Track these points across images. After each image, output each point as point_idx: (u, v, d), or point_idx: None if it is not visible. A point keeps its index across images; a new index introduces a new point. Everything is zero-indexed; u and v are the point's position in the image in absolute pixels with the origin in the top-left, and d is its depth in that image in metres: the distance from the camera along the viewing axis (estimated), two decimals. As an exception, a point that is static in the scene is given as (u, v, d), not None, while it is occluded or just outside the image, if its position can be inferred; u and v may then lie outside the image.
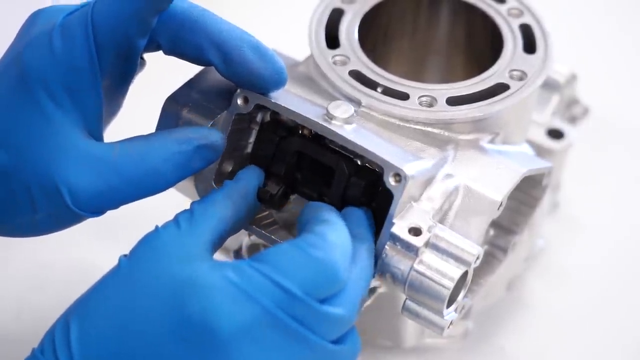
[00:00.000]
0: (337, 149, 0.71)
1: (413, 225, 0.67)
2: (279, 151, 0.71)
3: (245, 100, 0.71)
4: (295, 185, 0.72)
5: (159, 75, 0.66)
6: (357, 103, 0.74)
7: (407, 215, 0.68)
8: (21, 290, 0.88)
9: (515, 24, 0.81)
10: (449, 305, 0.68)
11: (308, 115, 0.69)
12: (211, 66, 0.69)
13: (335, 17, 0.81)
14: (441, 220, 0.70)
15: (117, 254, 0.62)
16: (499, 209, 0.71)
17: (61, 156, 0.64)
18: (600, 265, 0.95)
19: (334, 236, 0.62)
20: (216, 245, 0.64)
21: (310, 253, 0.60)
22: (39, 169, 0.64)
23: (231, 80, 0.70)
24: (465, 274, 0.68)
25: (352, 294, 0.62)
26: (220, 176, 0.73)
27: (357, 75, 0.77)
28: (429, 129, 0.74)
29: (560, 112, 0.93)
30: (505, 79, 0.77)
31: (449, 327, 0.69)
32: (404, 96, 0.75)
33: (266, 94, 0.69)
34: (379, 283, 0.70)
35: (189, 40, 0.68)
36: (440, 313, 0.68)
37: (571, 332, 0.90)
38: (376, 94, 0.75)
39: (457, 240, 0.67)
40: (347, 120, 0.69)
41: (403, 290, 0.68)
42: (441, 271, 0.67)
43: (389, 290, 0.74)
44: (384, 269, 0.67)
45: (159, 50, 0.69)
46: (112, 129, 0.73)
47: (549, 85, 0.91)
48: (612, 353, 0.90)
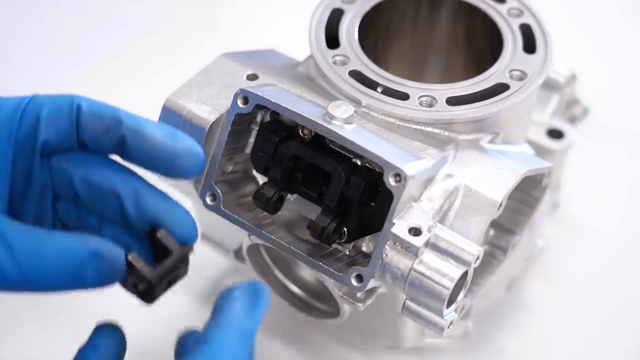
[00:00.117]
0: (337, 149, 0.71)
1: (413, 225, 0.67)
2: (276, 155, 0.71)
3: (245, 100, 0.71)
4: (295, 185, 0.72)
5: (159, 74, 0.65)
6: (357, 103, 0.74)
7: (407, 215, 0.68)
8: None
9: (515, 24, 0.81)
10: (449, 305, 0.68)
11: (308, 115, 0.69)
12: (212, 65, 0.69)
13: (335, 17, 0.81)
14: (441, 220, 0.70)
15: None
16: (499, 209, 0.71)
17: None
18: (600, 265, 0.95)
19: None
20: None
21: None
22: None
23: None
24: (465, 274, 0.68)
25: None
26: (221, 176, 0.73)
27: (357, 75, 0.76)
28: (429, 129, 0.74)
29: (560, 112, 0.93)
30: (505, 79, 0.77)
31: (449, 327, 0.69)
32: (404, 96, 0.75)
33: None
34: (379, 283, 0.70)
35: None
36: (440, 313, 0.68)
37: (571, 332, 0.90)
38: (376, 94, 0.75)
39: (457, 240, 0.67)
40: (347, 120, 0.69)
41: (403, 290, 0.68)
42: (441, 271, 0.67)
43: (389, 290, 0.74)
44: (384, 269, 0.68)
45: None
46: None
47: (549, 85, 0.91)
48: (612, 353, 0.90)
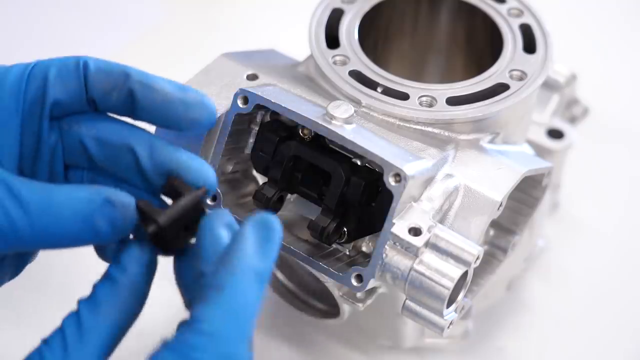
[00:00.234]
0: (337, 149, 0.71)
1: (413, 225, 0.67)
2: (276, 155, 0.71)
3: (245, 100, 0.71)
4: (295, 185, 0.72)
5: (159, 74, 0.65)
6: (357, 103, 0.74)
7: (407, 215, 0.68)
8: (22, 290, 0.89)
9: (515, 24, 0.81)
10: (448, 305, 0.68)
11: (308, 116, 0.69)
12: (212, 65, 0.69)
13: (335, 17, 0.81)
14: (441, 220, 0.70)
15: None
16: (499, 209, 0.71)
17: None
18: (600, 265, 0.95)
19: (222, 319, 0.56)
20: (110, 351, 0.59)
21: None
22: None
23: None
24: (465, 274, 0.68)
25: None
26: (221, 176, 0.73)
27: (357, 75, 0.76)
28: (429, 129, 0.74)
29: (560, 112, 0.93)
30: (505, 79, 0.77)
31: (449, 327, 0.69)
32: (404, 96, 0.75)
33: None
34: (379, 283, 0.70)
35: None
36: (440, 313, 0.68)
37: (571, 332, 0.90)
38: (376, 94, 0.75)
39: (457, 240, 0.67)
40: (347, 120, 0.69)
41: (403, 290, 0.68)
42: (441, 271, 0.67)
43: (389, 290, 0.74)
44: (384, 269, 0.68)
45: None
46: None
47: (549, 85, 0.91)
48: (612, 353, 0.90)
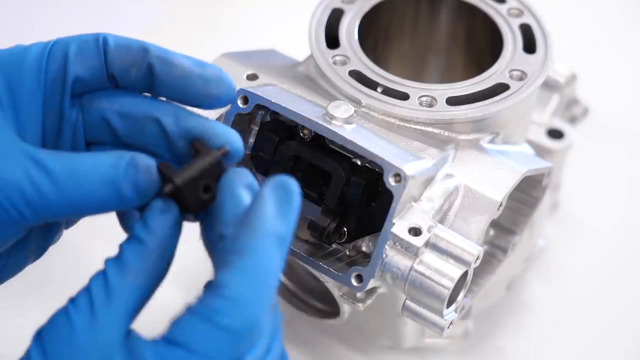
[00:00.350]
0: (337, 149, 0.71)
1: (413, 225, 0.67)
2: (276, 155, 0.71)
3: (245, 100, 0.71)
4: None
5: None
6: (357, 103, 0.74)
7: (407, 215, 0.68)
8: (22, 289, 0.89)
9: (515, 24, 0.81)
10: (448, 305, 0.68)
11: (308, 116, 0.69)
12: (214, 64, 0.68)
13: (335, 17, 0.81)
14: (441, 220, 0.70)
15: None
16: (499, 209, 0.71)
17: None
18: (600, 265, 0.95)
19: (244, 284, 0.56)
20: (136, 314, 0.58)
21: (222, 324, 0.55)
22: None
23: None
24: (465, 274, 0.68)
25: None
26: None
27: (357, 75, 0.76)
28: (429, 129, 0.74)
29: (560, 112, 0.93)
30: (505, 79, 0.77)
31: (449, 327, 0.69)
32: (404, 96, 0.75)
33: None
34: (379, 283, 0.70)
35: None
36: (440, 313, 0.68)
37: (571, 332, 0.90)
38: (376, 94, 0.75)
39: (457, 240, 0.67)
40: (347, 120, 0.69)
41: (403, 290, 0.68)
42: (441, 271, 0.67)
43: (389, 290, 0.74)
44: (384, 269, 0.68)
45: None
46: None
47: (549, 85, 0.91)
48: (612, 353, 0.90)
